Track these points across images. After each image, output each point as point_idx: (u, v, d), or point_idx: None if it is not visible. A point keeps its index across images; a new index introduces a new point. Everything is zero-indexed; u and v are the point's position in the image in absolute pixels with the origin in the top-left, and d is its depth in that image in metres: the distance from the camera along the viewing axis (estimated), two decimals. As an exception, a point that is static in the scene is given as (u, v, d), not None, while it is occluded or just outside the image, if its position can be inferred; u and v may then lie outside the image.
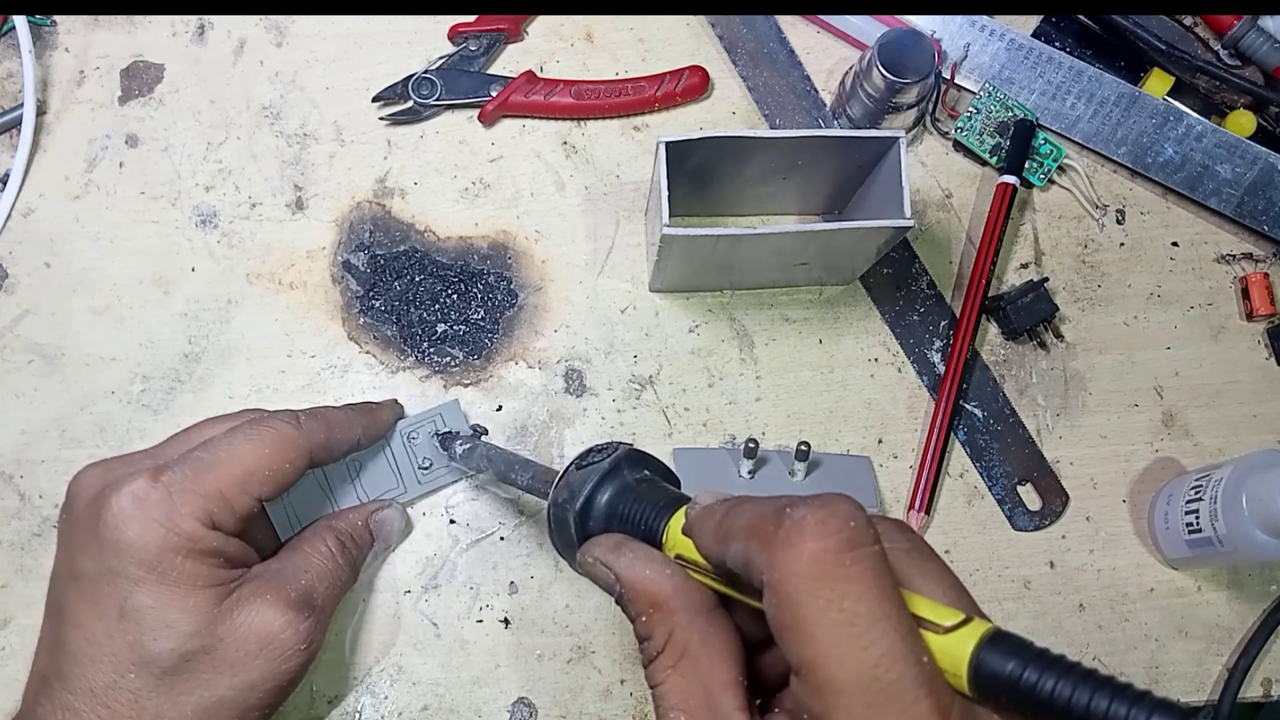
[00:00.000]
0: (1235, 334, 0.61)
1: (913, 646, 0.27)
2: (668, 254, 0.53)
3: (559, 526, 0.39)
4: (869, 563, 0.28)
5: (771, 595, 0.28)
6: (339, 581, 0.49)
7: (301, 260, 0.59)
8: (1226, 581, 0.58)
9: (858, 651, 0.27)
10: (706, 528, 0.33)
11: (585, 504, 0.38)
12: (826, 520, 0.28)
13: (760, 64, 0.63)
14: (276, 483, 0.45)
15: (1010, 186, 0.60)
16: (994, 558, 0.57)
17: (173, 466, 0.44)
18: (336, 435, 0.48)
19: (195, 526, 0.42)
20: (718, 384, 0.59)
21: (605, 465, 0.38)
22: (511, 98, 0.60)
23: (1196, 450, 0.60)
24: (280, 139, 0.61)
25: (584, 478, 0.38)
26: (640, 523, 0.37)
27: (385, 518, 0.53)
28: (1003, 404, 0.60)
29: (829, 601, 0.27)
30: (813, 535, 0.28)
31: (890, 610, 0.27)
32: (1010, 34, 0.63)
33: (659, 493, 0.38)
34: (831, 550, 0.28)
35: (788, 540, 0.28)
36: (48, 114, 0.60)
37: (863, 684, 0.27)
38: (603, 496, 0.38)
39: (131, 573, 0.42)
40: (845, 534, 0.28)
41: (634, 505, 0.37)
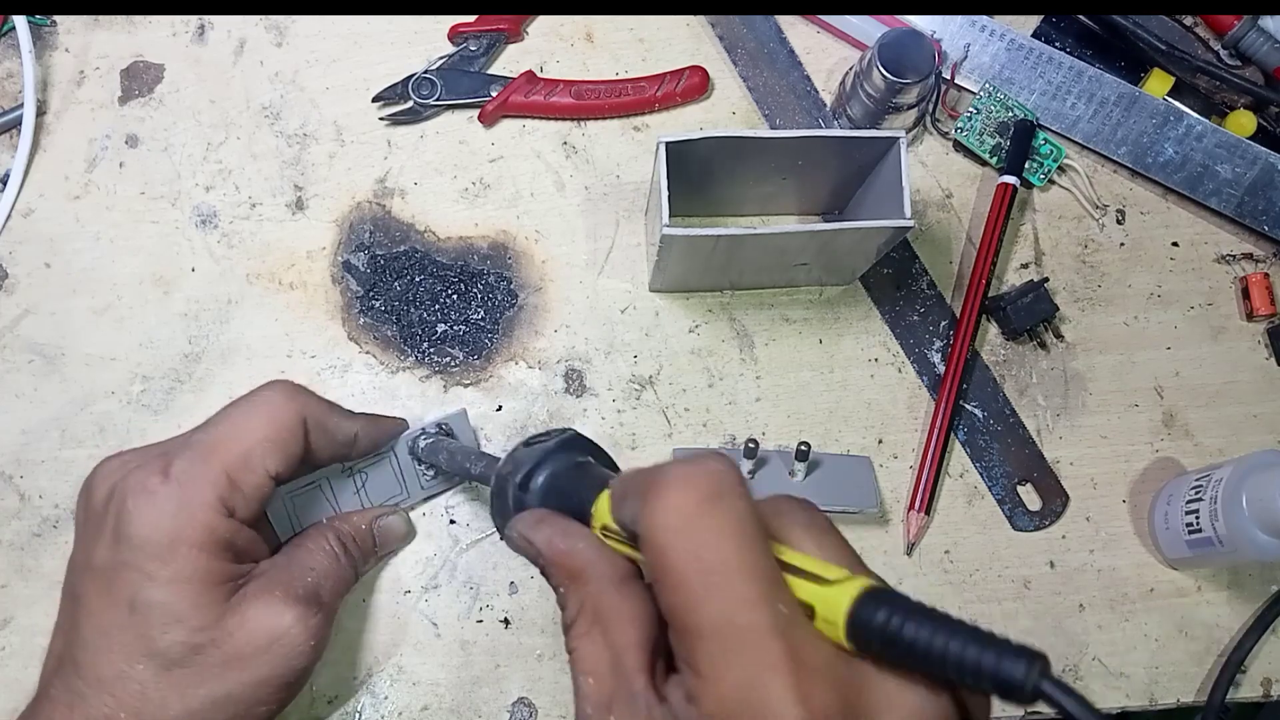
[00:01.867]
0: (1235, 334, 0.61)
1: (767, 593, 0.28)
2: (668, 254, 0.53)
3: (498, 497, 0.40)
4: (731, 514, 0.29)
5: (644, 548, 0.30)
6: (343, 580, 0.49)
7: (301, 260, 0.59)
8: (1227, 582, 0.58)
9: (713, 597, 0.28)
10: (615, 496, 0.35)
11: (525, 478, 0.39)
12: (691, 475, 0.30)
13: (760, 64, 0.63)
14: (282, 454, 0.45)
15: (1010, 187, 0.60)
16: (994, 558, 0.57)
17: (178, 456, 0.43)
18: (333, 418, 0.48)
19: (209, 515, 0.42)
20: (718, 384, 0.59)
21: (550, 445, 0.40)
22: (511, 98, 0.60)
23: (1196, 450, 0.60)
24: (280, 139, 0.61)
25: (528, 455, 0.40)
26: (573, 498, 0.38)
27: (389, 524, 0.53)
28: (1003, 404, 0.60)
29: (689, 550, 0.29)
30: (677, 488, 0.29)
31: (748, 559, 0.29)
32: (1010, 34, 0.63)
33: (593, 472, 0.39)
34: (693, 501, 0.29)
35: (656, 493, 0.30)
36: (48, 114, 0.60)
37: (718, 628, 0.28)
38: (541, 474, 0.39)
39: (144, 566, 0.42)
40: (709, 487, 0.29)
41: (569, 482, 0.38)
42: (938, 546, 0.57)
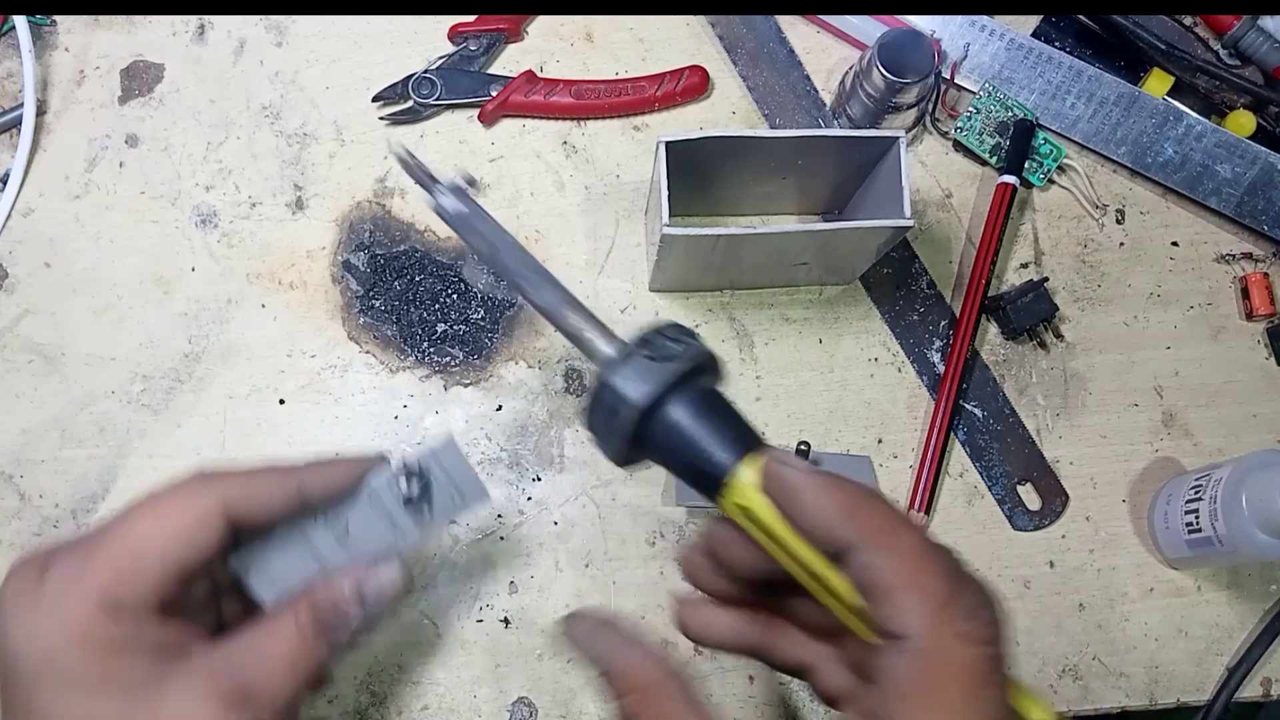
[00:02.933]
0: (1235, 334, 0.61)
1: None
2: (668, 254, 0.53)
3: (609, 417, 0.34)
4: (1002, 665, 0.30)
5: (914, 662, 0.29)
6: (304, 663, 0.41)
7: (301, 260, 0.59)
8: (1226, 581, 0.58)
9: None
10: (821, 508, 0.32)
11: (651, 408, 0.33)
12: (994, 621, 0.30)
13: (760, 64, 0.63)
14: (185, 545, 0.39)
15: (1010, 186, 0.60)
16: (994, 558, 0.57)
17: (61, 553, 0.39)
18: (261, 487, 0.42)
19: (89, 615, 0.38)
20: (718, 384, 0.59)
21: (682, 367, 0.34)
22: (511, 97, 0.60)
23: (1196, 450, 0.60)
24: (280, 139, 0.61)
25: (657, 374, 0.34)
26: (704, 455, 0.33)
27: (378, 584, 0.44)
28: (1002, 404, 0.60)
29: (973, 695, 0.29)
30: (985, 633, 0.29)
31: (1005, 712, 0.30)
32: (1010, 34, 0.63)
33: (730, 424, 0.34)
34: (991, 653, 0.29)
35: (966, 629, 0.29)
36: (48, 114, 0.60)
37: None
38: (675, 406, 0.34)
39: (29, 672, 0.38)
40: (1001, 636, 0.30)
41: (702, 430, 0.33)
42: (937, 546, 0.57)
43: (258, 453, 0.56)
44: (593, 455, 0.57)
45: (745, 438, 0.34)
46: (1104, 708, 0.56)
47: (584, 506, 0.57)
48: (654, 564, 0.56)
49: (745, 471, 0.33)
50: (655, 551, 0.56)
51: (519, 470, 0.57)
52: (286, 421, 0.57)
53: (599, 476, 0.57)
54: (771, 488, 0.33)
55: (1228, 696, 0.55)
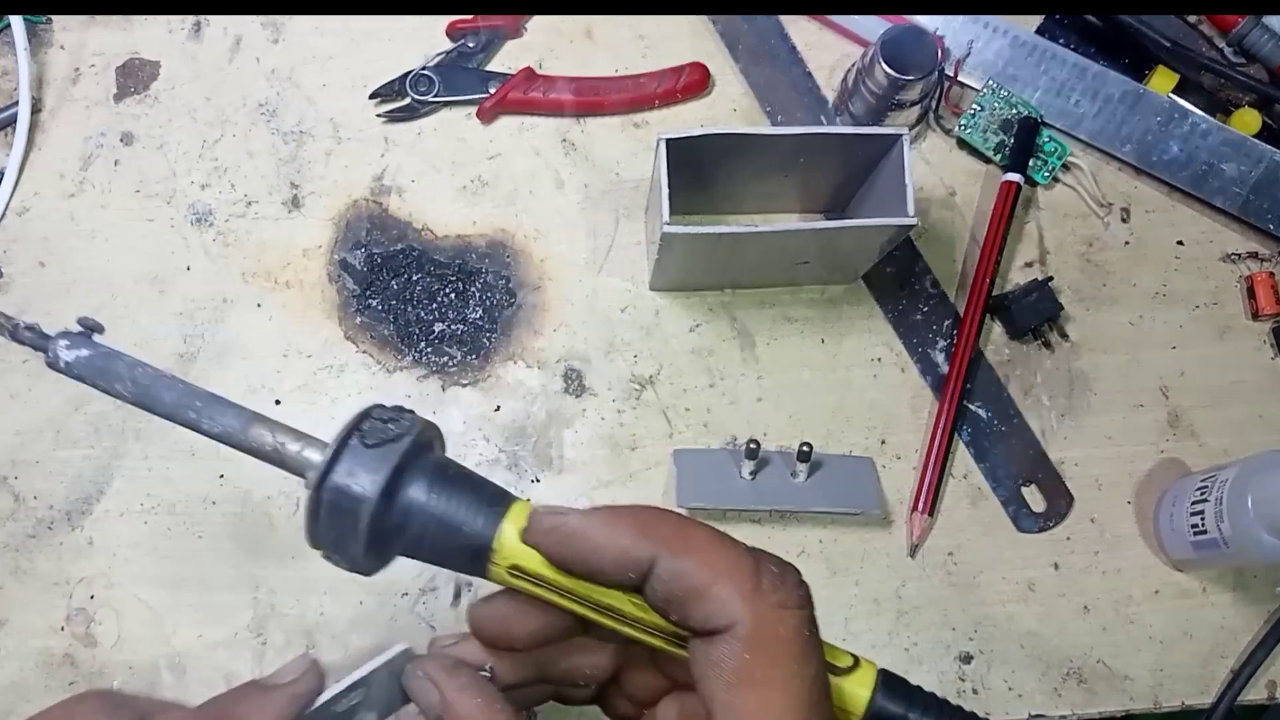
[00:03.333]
0: (1241, 333, 0.61)
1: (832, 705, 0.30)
2: (668, 252, 0.52)
3: (342, 522, 0.30)
4: (816, 625, 0.30)
5: (741, 646, 0.29)
6: None
7: (298, 259, 0.59)
8: (1232, 583, 0.57)
9: (814, 709, 0.29)
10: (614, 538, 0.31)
11: (387, 497, 0.30)
12: (800, 583, 0.30)
13: (762, 61, 0.62)
14: None
15: (1014, 184, 0.60)
16: (998, 560, 0.57)
17: None
18: None
19: None
20: (719, 384, 0.58)
21: (407, 445, 0.31)
22: (510, 94, 0.60)
23: (1202, 451, 0.59)
24: (276, 136, 0.60)
25: (382, 459, 0.30)
26: (460, 530, 0.31)
27: None
28: (1007, 404, 0.59)
29: (801, 664, 0.29)
30: (797, 599, 0.30)
31: (826, 670, 0.30)
32: (1014, 31, 0.62)
33: (476, 489, 0.32)
34: (807, 615, 0.30)
35: (780, 600, 0.29)
36: (43, 111, 0.60)
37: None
38: (412, 489, 0.31)
39: None
40: (810, 597, 0.30)
41: (451, 504, 0.31)
42: (941, 548, 0.57)
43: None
44: (592, 456, 0.57)
45: (496, 498, 0.32)
46: (1108, 711, 0.56)
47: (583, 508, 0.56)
48: (654, 566, 0.56)
49: (510, 531, 0.31)
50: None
51: (518, 471, 0.57)
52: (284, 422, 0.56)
53: (598, 478, 0.57)
54: (551, 540, 0.31)
55: (1231, 699, 0.55)
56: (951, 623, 0.56)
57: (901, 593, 0.56)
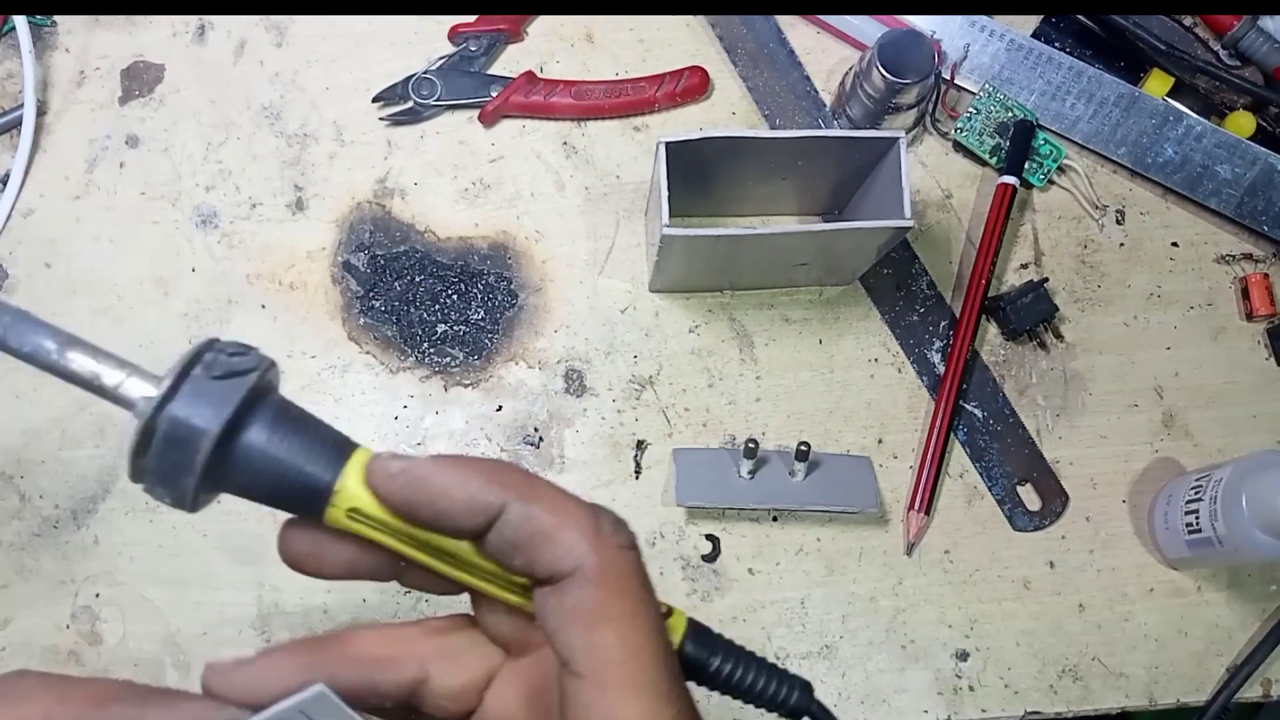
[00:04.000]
0: (1235, 334, 0.61)
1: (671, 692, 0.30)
2: (668, 254, 0.53)
3: (175, 454, 0.29)
4: (643, 565, 0.31)
5: (590, 589, 0.29)
6: None
7: (302, 261, 0.59)
8: (1226, 582, 0.58)
9: (662, 643, 0.30)
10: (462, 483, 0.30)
11: (227, 434, 0.29)
12: (629, 530, 0.31)
13: (760, 64, 0.63)
14: None
15: (1010, 187, 0.60)
16: (994, 558, 0.57)
17: None
18: None
19: None
20: (718, 384, 0.59)
21: (252, 380, 0.30)
22: (511, 98, 0.60)
23: (1196, 450, 0.60)
24: (280, 139, 0.61)
25: (228, 392, 0.29)
26: (299, 472, 0.30)
27: None
28: (1002, 404, 0.60)
29: (644, 599, 0.30)
30: (630, 539, 0.30)
31: (657, 607, 0.31)
32: (1010, 34, 0.63)
33: (320, 432, 0.31)
34: (639, 557, 0.30)
35: (620, 541, 0.30)
36: (48, 114, 0.60)
37: (667, 674, 0.29)
38: (255, 428, 0.29)
39: None
40: (636, 542, 0.31)
41: (293, 446, 0.30)
42: (938, 546, 0.57)
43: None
44: (593, 455, 0.57)
45: (339, 443, 0.31)
46: (1104, 708, 0.56)
47: (584, 507, 0.57)
48: (653, 564, 0.56)
49: (353, 474, 0.30)
50: (655, 552, 0.56)
51: (519, 471, 0.57)
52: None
53: (599, 477, 0.57)
54: (396, 485, 0.30)
55: (1227, 697, 0.56)
56: (948, 620, 0.56)
57: (898, 590, 0.57)
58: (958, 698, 0.55)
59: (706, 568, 0.56)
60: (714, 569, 0.56)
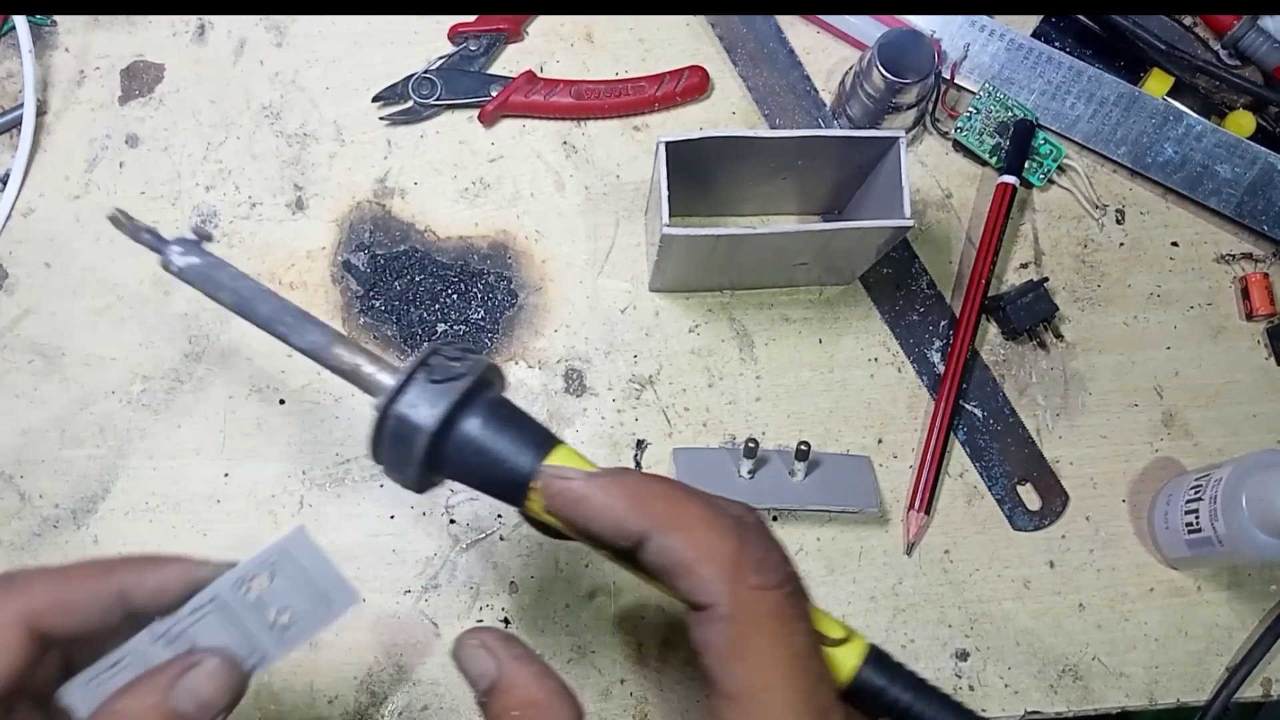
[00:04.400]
0: (1235, 334, 0.61)
1: (826, 667, 0.31)
2: (668, 254, 0.53)
3: (401, 447, 0.34)
4: (802, 598, 0.31)
5: (725, 625, 0.30)
6: None
7: (302, 260, 0.59)
8: (1226, 581, 0.58)
9: (801, 680, 0.30)
10: (609, 508, 0.32)
11: (443, 427, 0.33)
12: (782, 562, 0.31)
13: (760, 64, 0.63)
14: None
15: (1010, 186, 0.60)
16: (994, 557, 0.57)
17: None
18: (75, 591, 0.35)
19: None
20: (718, 384, 0.59)
21: (467, 384, 0.34)
22: (511, 98, 0.61)
23: (1196, 450, 0.60)
24: (280, 139, 0.61)
25: (443, 395, 0.33)
26: (504, 462, 0.33)
27: (193, 684, 0.35)
28: (1002, 404, 0.60)
29: (782, 638, 0.30)
30: (777, 579, 0.30)
31: (815, 640, 0.31)
32: (1010, 34, 0.63)
33: (523, 431, 0.34)
34: (788, 593, 0.30)
35: (759, 581, 0.30)
36: (48, 114, 0.60)
37: (802, 708, 0.30)
38: (465, 425, 0.34)
39: None
40: (792, 574, 0.31)
41: (498, 442, 0.34)
42: (938, 546, 0.57)
43: (258, 453, 0.56)
44: (593, 455, 0.57)
45: (542, 439, 0.34)
46: (1104, 707, 0.56)
47: (584, 506, 0.57)
48: (654, 564, 0.56)
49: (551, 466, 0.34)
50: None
51: (519, 470, 0.57)
52: (287, 421, 0.57)
53: (599, 476, 0.57)
54: (557, 506, 0.33)
55: (1227, 696, 0.56)
56: (948, 620, 0.56)
57: (898, 590, 0.57)
58: (958, 697, 0.55)
59: (706, 567, 0.56)
60: (714, 569, 0.56)
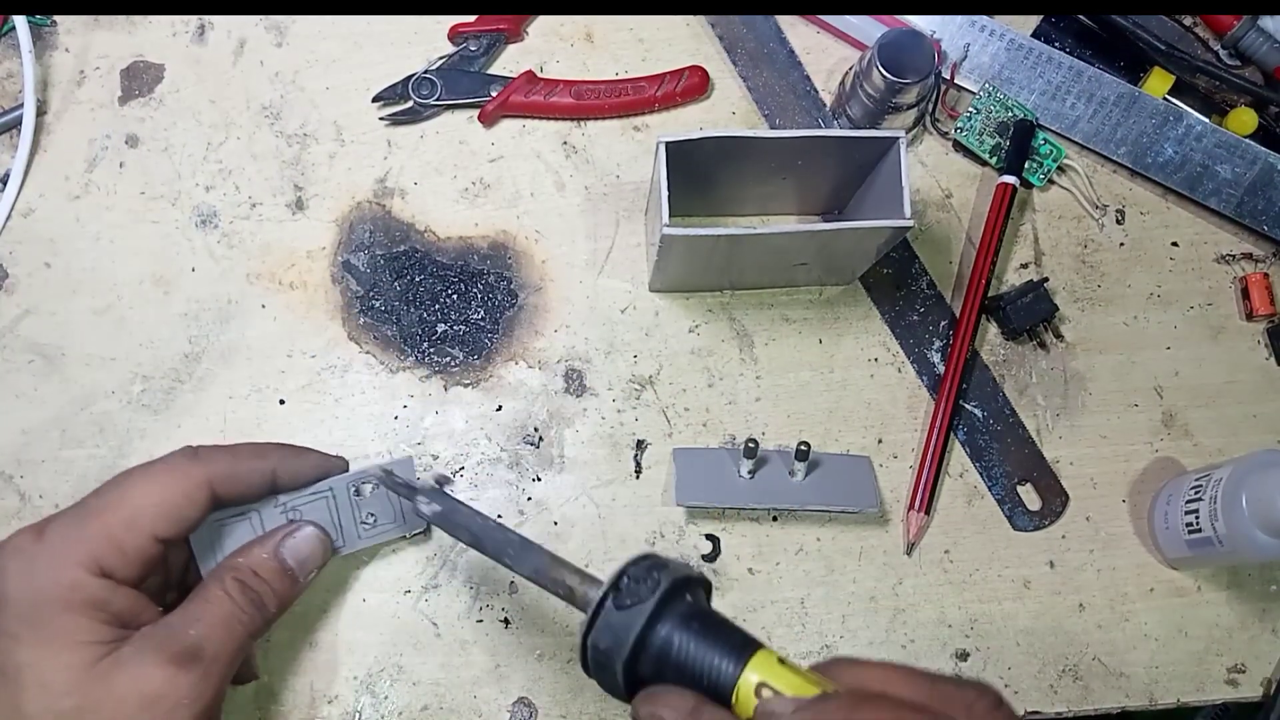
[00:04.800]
0: (1235, 334, 0.61)
1: None
2: (668, 254, 0.53)
3: (601, 672, 0.36)
4: None
5: None
6: (238, 625, 0.45)
7: (302, 260, 0.59)
8: (1226, 581, 0.58)
9: None
10: None
11: (634, 652, 0.35)
12: None
13: (760, 64, 0.63)
14: (173, 519, 0.43)
15: (1010, 186, 0.60)
16: (994, 558, 0.57)
17: (59, 517, 0.43)
18: (242, 467, 0.47)
19: (78, 574, 0.41)
20: (718, 384, 0.59)
21: (651, 606, 0.35)
22: (511, 98, 0.61)
23: (1196, 450, 0.60)
24: (280, 139, 0.61)
25: (628, 621, 0.35)
26: (704, 673, 0.34)
27: (298, 543, 0.49)
28: (1002, 404, 0.60)
29: None
30: None
31: None
32: (1010, 34, 0.63)
33: (721, 634, 0.35)
34: None
35: None
36: (48, 114, 0.60)
37: None
38: (655, 640, 0.35)
39: (12, 628, 0.41)
40: None
41: (694, 651, 0.35)
42: (938, 546, 0.57)
43: (258, 453, 0.56)
44: (593, 455, 0.57)
45: (739, 646, 0.35)
46: (1104, 708, 0.56)
47: (584, 507, 0.57)
48: (654, 564, 0.56)
49: (749, 682, 0.34)
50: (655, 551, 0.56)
51: (519, 470, 0.57)
52: (286, 422, 0.57)
53: (599, 476, 0.57)
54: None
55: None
56: (948, 620, 0.56)
57: (898, 590, 0.57)
58: (958, 697, 0.55)
59: (706, 568, 0.56)
60: (714, 569, 0.56)
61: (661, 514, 0.57)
